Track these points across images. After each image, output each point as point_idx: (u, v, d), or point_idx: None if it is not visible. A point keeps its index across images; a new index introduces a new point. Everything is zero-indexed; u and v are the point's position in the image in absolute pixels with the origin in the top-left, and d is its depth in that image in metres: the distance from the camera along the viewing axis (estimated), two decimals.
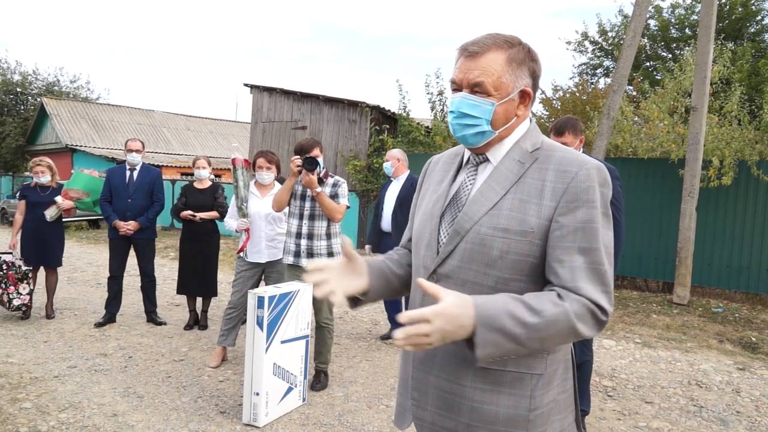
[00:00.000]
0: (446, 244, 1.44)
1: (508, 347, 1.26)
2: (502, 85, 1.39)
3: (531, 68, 1.44)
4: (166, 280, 8.69)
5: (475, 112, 1.41)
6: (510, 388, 1.39)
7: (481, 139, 1.44)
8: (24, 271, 6.04)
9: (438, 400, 1.46)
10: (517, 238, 1.35)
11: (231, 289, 4.95)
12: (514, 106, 1.43)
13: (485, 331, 1.23)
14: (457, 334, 1.24)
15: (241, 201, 4.70)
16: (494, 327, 1.23)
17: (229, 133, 30.40)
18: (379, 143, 12.68)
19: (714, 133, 8.43)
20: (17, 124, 26.99)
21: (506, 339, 1.25)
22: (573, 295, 1.29)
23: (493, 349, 1.25)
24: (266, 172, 4.82)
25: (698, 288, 8.46)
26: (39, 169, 6.20)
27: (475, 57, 1.40)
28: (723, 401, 4.40)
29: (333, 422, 3.81)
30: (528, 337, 1.25)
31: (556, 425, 1.45)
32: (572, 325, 1.27)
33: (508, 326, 1.24)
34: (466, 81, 1.41)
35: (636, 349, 5.71)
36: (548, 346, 1.32)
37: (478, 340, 1.23)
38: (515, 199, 1.38)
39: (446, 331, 1.22)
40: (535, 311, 1.26)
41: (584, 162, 1.37)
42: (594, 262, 1.32)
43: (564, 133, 3.58)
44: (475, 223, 1.40)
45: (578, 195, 1.34)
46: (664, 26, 17.04)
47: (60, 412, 3.84)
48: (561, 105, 14.60)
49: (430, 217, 1.52)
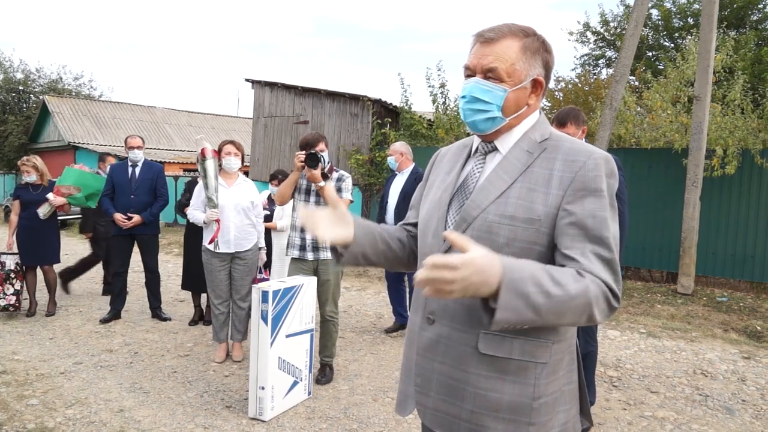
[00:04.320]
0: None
1: (526, 316, 1.21)
2: (515, 72, 1.41)
3: (544, 59, 1.45)
4: (171, 275, 8.71)
5: (487, 97, 1.41)
6: (515, 376, 1.39)
7: (491, 125, 1.44)
8: (6, 272, 6.07)
9: (442, 387, 1.46)
10: (523, 226, 1.36)
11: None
12: (525, 94, 1.44)
13: (509, 293, 1.18)
14: (481, 289, 1.19)
15: (212, 191, 4.70)
16: (519, 291, 1.19)
17: (231, 128, 30.37)
18: (381, 137, 12.65)
19: (717, 122, 8.38)
20: (20, 122, 26.98)
21: (527, 307, 1.20)
22: (591, 276, 1.28)
23: (512, 315, 1.20)
24: (234, 157, 4.85)
25: (702, 278, 8.44)
26: (25, 168, 6.23)
27: (491, 43, 1.41)
28: (728, 390, 4.40)
29: (338, 415, 3.82)
30: (548, 308, 1.21)
31: (561, 416, 1.45)
32: (590, 303, 1.24)
33: (532, 293, 1.20)
34: (480, 66, 1.42)
35: (641, 339, 5.71)
36: (564, 322, 1.27)
37: (501, 302, 1.18)
38: (523, 188, 1.39)
39: (470, 282, 1.17)
40: (559, 283, 1.22)
41: (592, 152, 1.38)
42: (603, 249, 1.32)
43: (566, 124, 3.56)
44: (483, 211, 1.40)
45: (586, 184, 1.34)
46: (666, 16, 16.94)
47: (66, 408, 3.86)
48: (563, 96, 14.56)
49: (437, 205, 1.53)
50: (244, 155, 5.01)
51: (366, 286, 8.28)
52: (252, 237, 4.90)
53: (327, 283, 4.34)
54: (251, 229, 4.89)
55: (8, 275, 6.09)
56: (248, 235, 4.87)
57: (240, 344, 4.95)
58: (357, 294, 7.74)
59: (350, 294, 7.64)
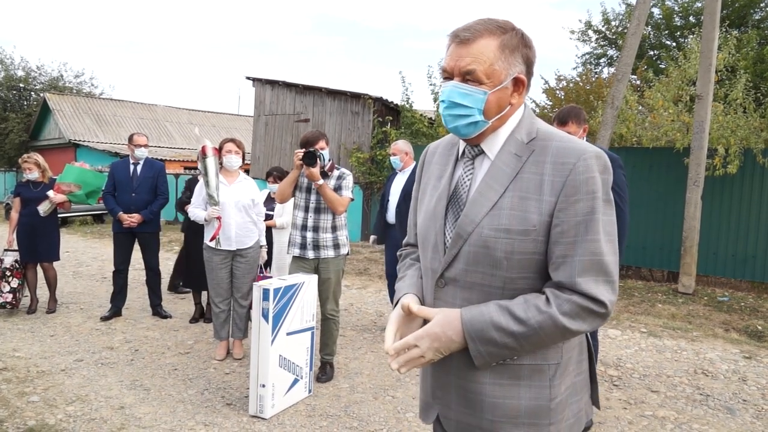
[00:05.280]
0: (450, 248, 1.42)
1: (503, 353, 1.34)
2: (495, 72, 1.34)
3: (525, 54, 1.38)
4: (171, 273, 8.69)
5: (467, 101, 1.36)
6: (529, 380, 1.38)
7: (474, 129, 1.39)
8: (2, 270, 6.07)
9: (460, 399, 1.46)
10: (520, 238, 1.33)
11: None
12: (507, 94, 1.38)
13: (476, 344, 1.33)
14: (451, 347, 1.35)
15: (213, 189, 4.71)
16: (484, 339, 1.32)
17: (232, 126, 30.38)
18: (382, 135, 12.65)
19: (719, 122, 8.37)
20: (20, 120, 26.98)
21: (498, 348, 1.33)
22: (565, 295, 1.30)
23: (489, 359, 1.35)
24: (234, 155, 4.86)
25: (703, 277, 8.44)
26: (27, 165, 6.23)
27: (467, 44, 1.35)
28: (729, 390, 4.40)
29: (339, 413, 3.82)
30: (519, 343, 1.32)
31: (573, 407, 1.45)
32: (562, 326, 1.29)
33: (497, 337, 1.31)
34: (458, 69, 1.36)
35: (641, 339, 5.70)
36: (547, 344, 1.36)
37: (472, 353, 1.34)
38: (515, 197, 1.34)
39: (436, 348, 1.35)
40: (520, 320, 1.30)
41: (582, 151, 1.32)
42: (594, 253, 1.30)
43: (567, 123, 3.56)
44: (477, 226, 1.37)
45: (578, 188, 1.30)
46: (668, 14, 16.91)
47: (67, 405, 3.86)
48: (564, 95, 14.52)
49: (433, 217, 1.49)
50: (244, 153, 5.01)
51: (367, 285, 8.27)
52: (253, 235, 4.91)
53: (328, 281, 4.34)
54: (252, 227, 4.90)
55: (5, 273, 6.09)
56: (249, 232, 4.87)
57: (241, 342, 4.95)
58: (358, 292, 7.74)
59: (351, 292, 7.64)
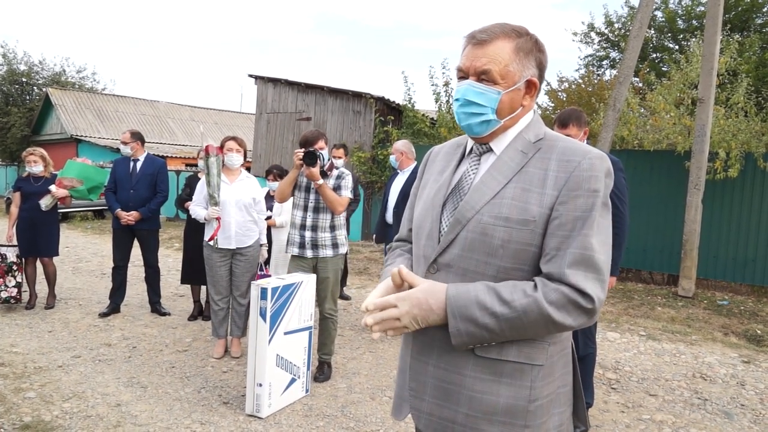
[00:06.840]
0: (447, 233, 1.43)
1: (482, 335, 1.32)
2: (509, 73, 1.39)
3: (538, 59, 1.44)
4: (170, 270, 8.70)
5: (481, 100, 1.40)
6: (510, 378, 1.38)
7: (486, 128, 1.44)
8: (9, 264, 6.07)
9: (436, 390, 1.45)
10: (518, 227, 1.35)
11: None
12: (519, 95, 1.43)
13: (455, 320, 1.32)
14: (429, 318, 1.33)
15: (214, 189, 4.71)
16: (465, 316, 1.31)
17: (234, 124, 30.38)
18: (383, 135, 12.64)
19: (720, 125, 8.36)
20: (22, 115, 26.96)
21: (478, 328, 1.31)
22: (553, 285, 1.30)
23: (467, 338, 1.33)
24: (236, 153, 4.87)
25: (703, 280, 8.42)
26: (32, 158, 6.23)
27: (483, 45, 1.40)
28: (727, 394, 4.39)
29: (336, 413, 3.81)
30: (500, 326, 1.30)
31: (555, 419, 1.45)
32: (546, 314, 1.28)
33: (478, 316, 1.30)
34: (473, 69, 1.41)
35: (640, 342, 5.70)
36: (528, 335, 1.34)
37: (451, 328, 1.33)
38: (517, 188, 1.38)
39: (414, 314, 1.33)
40: (505, 301, 1.30)
41: (587, 152, 1.37)
42: (587, 248, 1.31)
43: (568, 125, 3.54)
44: (477, 212, 1.39)
45: (580, 184, 1.33)
46: (670, 17, 16.89)
47: (64, 401, 3.86)
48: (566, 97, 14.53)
49: (431, 206, 1.52)
50: (246, 151, 5.01)
51: (365, 284, 8.27)
52: (253, 233, 4.90)
53: (326, 280, 4.33)
54: (252, 226, 4.89)
55: (10, 267, 6.09)
56: (249, 231, 4.87)
57: (239, 340, 4.95)
58: (356, 292, 7.73)
59: (350, 292, 7.63)
